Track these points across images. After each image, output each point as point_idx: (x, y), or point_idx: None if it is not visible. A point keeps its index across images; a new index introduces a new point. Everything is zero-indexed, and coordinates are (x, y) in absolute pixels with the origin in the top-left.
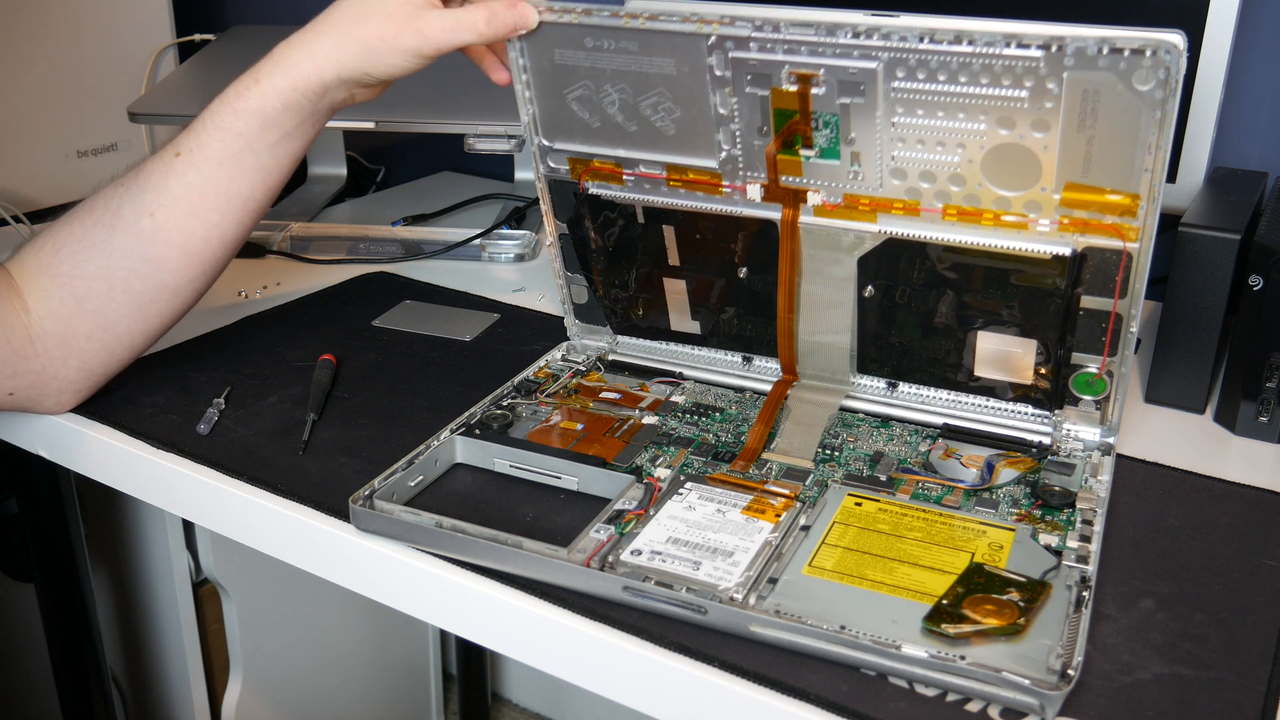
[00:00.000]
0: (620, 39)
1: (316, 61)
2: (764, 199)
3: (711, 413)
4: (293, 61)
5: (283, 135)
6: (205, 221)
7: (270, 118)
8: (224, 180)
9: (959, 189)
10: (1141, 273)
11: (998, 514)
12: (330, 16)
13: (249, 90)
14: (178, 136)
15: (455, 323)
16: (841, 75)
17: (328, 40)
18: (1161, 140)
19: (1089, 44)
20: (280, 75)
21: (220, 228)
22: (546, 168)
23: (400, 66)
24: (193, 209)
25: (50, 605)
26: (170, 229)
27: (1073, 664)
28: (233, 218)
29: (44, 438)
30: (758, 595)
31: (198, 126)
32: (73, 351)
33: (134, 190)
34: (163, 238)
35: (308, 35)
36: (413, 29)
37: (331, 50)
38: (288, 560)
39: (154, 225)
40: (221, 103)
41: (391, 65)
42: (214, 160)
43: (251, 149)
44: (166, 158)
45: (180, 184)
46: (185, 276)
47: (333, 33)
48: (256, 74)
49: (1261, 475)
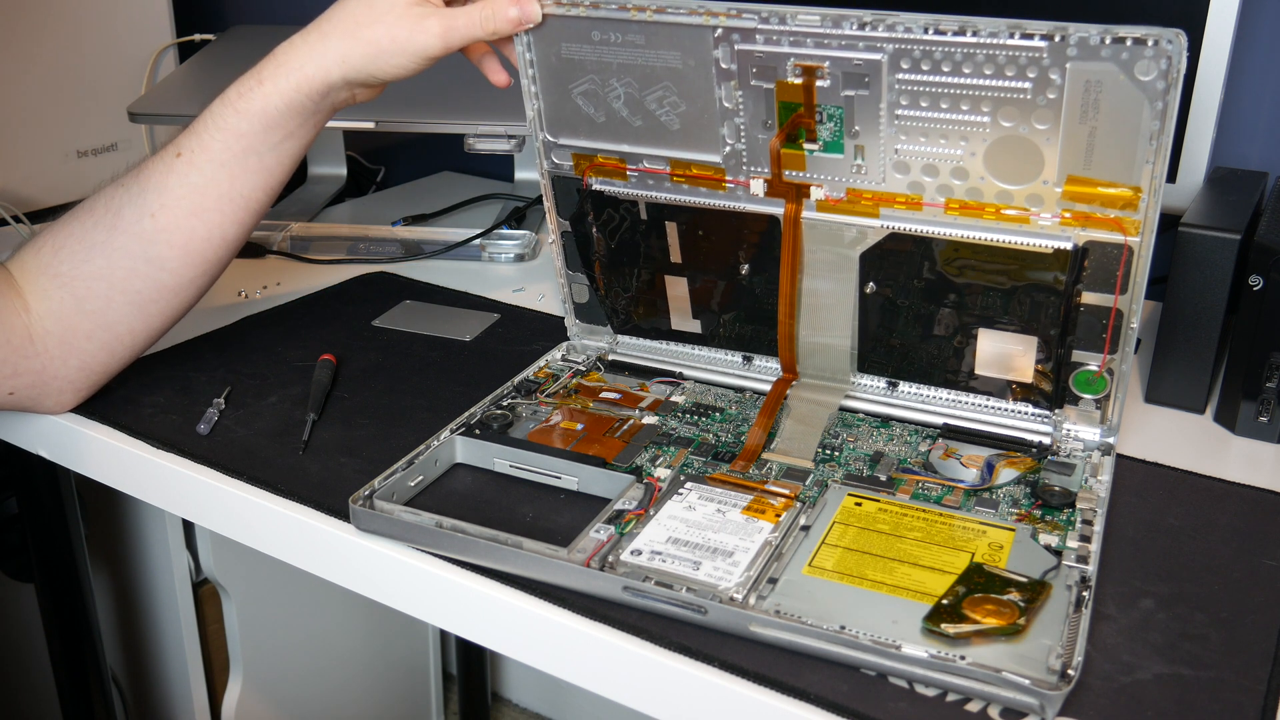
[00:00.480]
0: (627, 32)
1: (322, 63)
2: (767, 194)
3: (711, 413)
4: (297, 63)
5: (285, 135)
6: (207, 222)
7: (273, 118)
8: (226, 180)
9: (961, 183)
10: (1142, 268)
11: (998, 514)
12: (334, 18)
13: (252, 91)
14: (178, 137)
15: (455, 323)
16: (846, 67)
17: (333, 42)
18: (1163, 132)
19: (1092, 34)
20: (284, 76)
21: (222, 228)
22: (550, 164)
23: (406, 68)
24: (194, 209)
25: (50, 605)
26: (172, 229)
27: (1073, 664)
28: (234, 218)
29: (44, 438)
30: (758, 595)
31: (199, 127)
32: (73, 351)
33: (135, 190)
34: (164, 238)
35: (312, 36)
36: (420, 30)
37: (338, 52)
38: (288, 560)
39: (155, 226)
40: (223, 103)
41: (398, 66)
42: (216, 161)
43: (254, 149)
44: (168, 158)
45: (182, 184)
46: (186, 276)
47: (339, 34)
48: (259, 75)
49: (1261, 475)
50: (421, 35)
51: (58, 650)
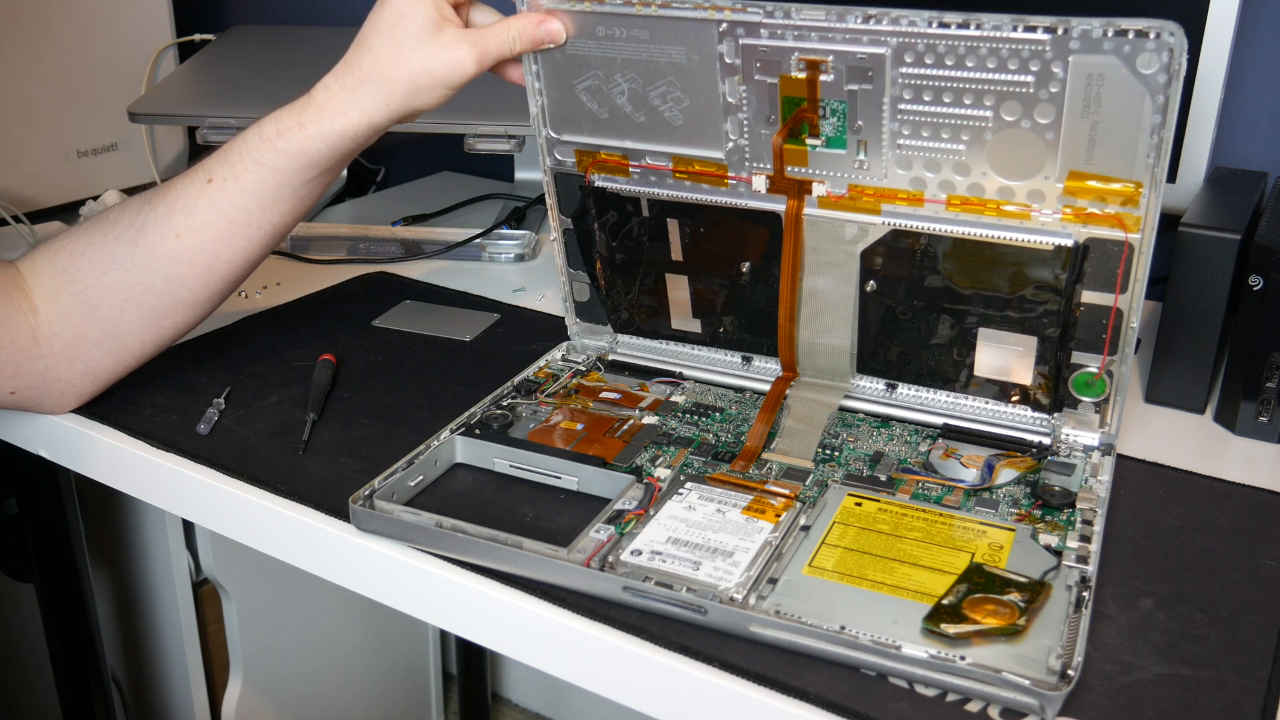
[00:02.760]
0: (631, 27)
1: (366, 109)
2: (769, 190)
3: (711, 413)
4: (341, 109)
5: (323, 171)
6: (232, 246)
7: (314, 159)
8: (256, 210)
9: (963, 178)
10: (1143, 266)
11: (998, 514)
12: (364, 61)
13: (291, 132)
14: (209, 160)
15: (455, 323)
16: (850, 61)
17: (371, 88)
18: (1164, 126)
19: (1094, 27)
20: (327, 122)
21: (246, 252)
22: (553, 160)
23: (446, 97)
24: (221, 234)
25: (50, 605)
26: (196, 251)
27: (1073, 664)
28: (260, 243)
29: (44, 438)
30: (758, 595)
31: (232, 156)
32: (79, 356)
33: (162, 210)
34: (187, 258)
35: (349, 81)
36: (455, 62)
37: (378, 96)
38: (288, 560)
39: (179, 247)
40: (260, 138)
41: (439, 98)
42: (248, 192)
43: (289, 184)
44: (198, 182)
45: (211, 209)
46: (204, 295)
47: (375, 80)
48: (300, 116)
49: (1261, 475)
50: (458, 67)
51: (58, 650)
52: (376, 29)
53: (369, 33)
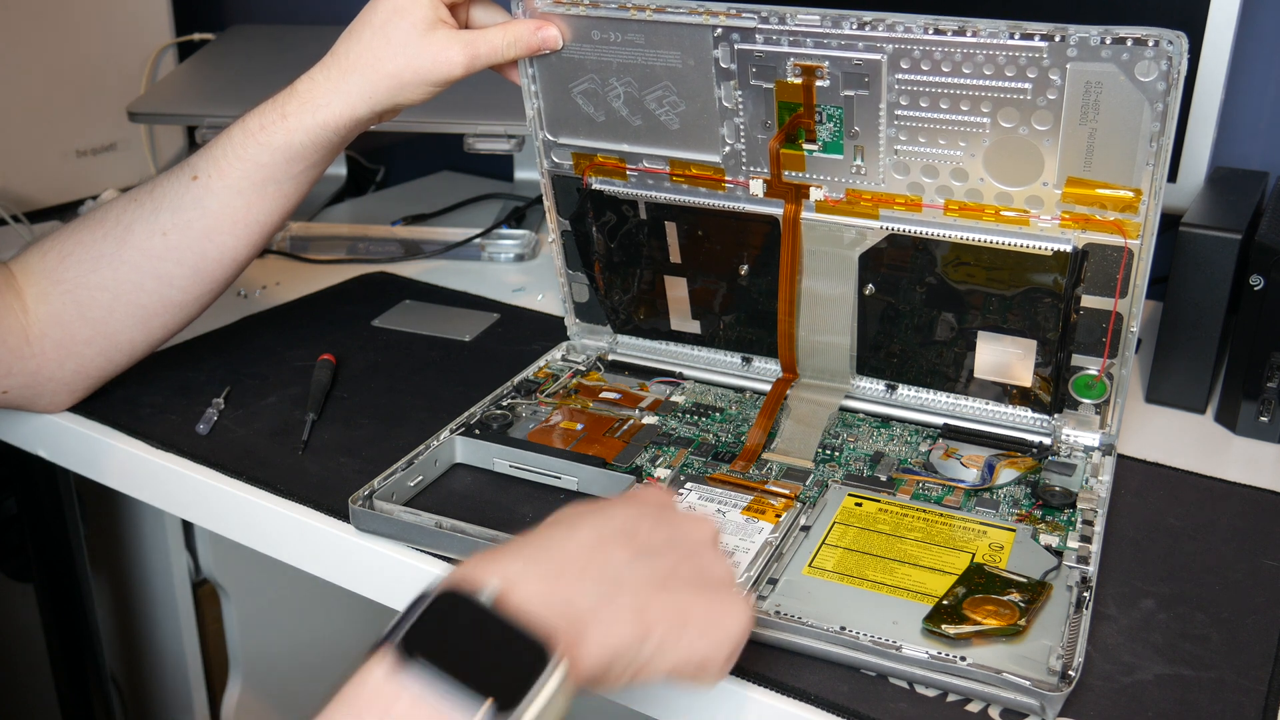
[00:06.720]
0: (627, 31)
1: (348, 100)
2: (766, 194)
3: (711, 413)
4: (323, 100)
5: (308, 166)
6: (219, 244)
7: (296, 152)
8: (242, 207)
9: (961, 184)
10: (1142, 271)
11: (998, 514)
12: (352, 52)
13: (275, 125)
14: (194, 157)
15: (455, 323)
16: (846, 67)
17: (355, 79)
18: (1164, 133)
19: (1092, 34)
20: (309, 114)
21: (234, 250)
22: (550, 163)
23: (431, 94)
24: (207, 231)
25: (50, 605)
26: (183, 249)
27: (1073, 664)
28: (247, 240)
29: (43, 438)
30: (758, 595)
31: (217, 152)
32: (70, 355)
33: (148, 207)
34: (174, 256)
35: (334, 72)
36: (444, 61)
37: (362, 89)
38: (287, 560)
39: (166, 244)
40: (244, 133)
41: (424, 94)
42: (233, 188)
43: (274, 179)
44: (183, 179)
45: (196, 206)
46: (193, 294)
47: (360, 71)
48: (283, 109)
49: (1262, 475)
50: (445, 66)
51: (57, 650)
52: (369, 23)
53: (359, 26)
